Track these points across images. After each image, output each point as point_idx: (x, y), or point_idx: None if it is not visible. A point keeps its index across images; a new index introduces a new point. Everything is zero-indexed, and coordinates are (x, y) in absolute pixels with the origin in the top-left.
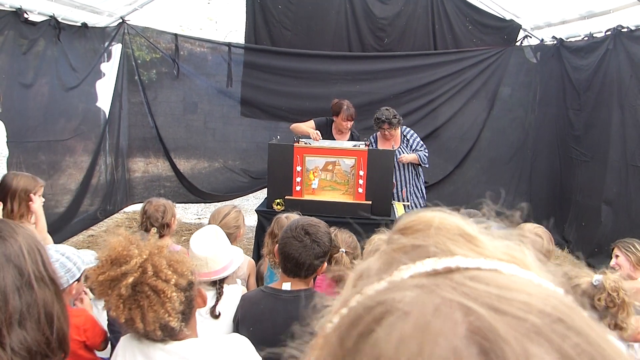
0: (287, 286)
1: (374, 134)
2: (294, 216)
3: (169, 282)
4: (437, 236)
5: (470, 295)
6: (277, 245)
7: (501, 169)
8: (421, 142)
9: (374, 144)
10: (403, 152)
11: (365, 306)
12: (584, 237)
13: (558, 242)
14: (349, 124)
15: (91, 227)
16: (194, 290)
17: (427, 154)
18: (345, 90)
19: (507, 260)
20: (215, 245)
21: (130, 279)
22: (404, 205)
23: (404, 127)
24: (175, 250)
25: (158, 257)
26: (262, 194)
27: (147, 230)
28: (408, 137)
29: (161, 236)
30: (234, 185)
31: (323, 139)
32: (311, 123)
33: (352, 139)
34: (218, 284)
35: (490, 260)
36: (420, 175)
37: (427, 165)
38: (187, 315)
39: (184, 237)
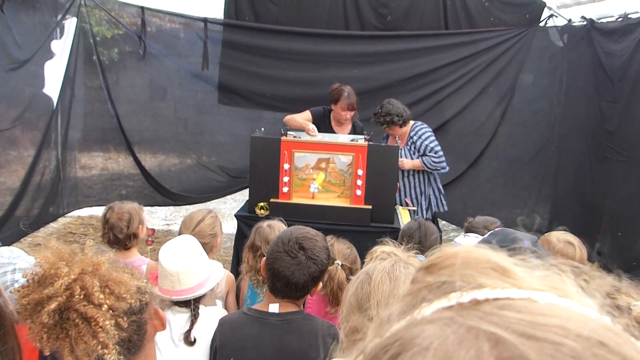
0: (274, 308)
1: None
2: (277, 224)
3: (101, 307)
4: (464, 270)
5: (500, 324)
6: (265, 260)
7: (521, 169)
8: (431, 144)
9: (385, 141)
10: (406, 156)
11: (381, 346)
12: (620, 249)
13: (588, 255)
14: (349, 114)
15: (37, 234)
16: (146, 312)
17: (437, 159)
18: (341, 75)
19: (545, 290)
20: (189, 259)
21: (54, 305)
22: (409, 210)
23: (416, 123)
24: (138, 266)
25: (90, 277)
26: (243, 196)
27: (110, 243)
28: (415, 137)
29: (128, 249)
30: (209, 185)
31: (321, 132)
32: (307, 114)
33: (354, 132)
34: (193, 305)
35: (524, 290)
36: (434, 182)
37: (442, 170)
38: (135, 344)
39: (150, 247)
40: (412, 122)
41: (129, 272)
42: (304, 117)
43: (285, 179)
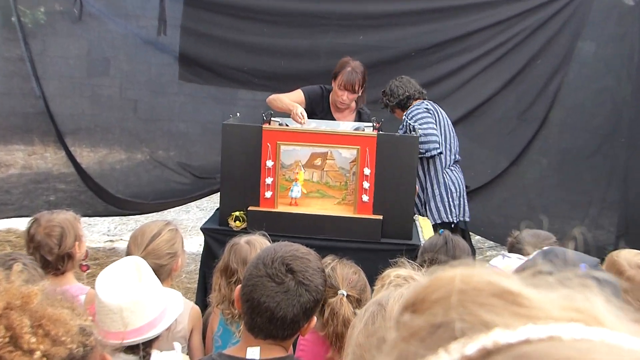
0: (254, 353)
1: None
2: (259, 241)
3: (32, 354)
4: (462, 305)
5: None
6: (241, 287)
7: (580, 166)
8: (414, 123)
9: (403, 131)
10: None
11: None
12: None
13: None
14: (346, 95)
15: None
16: (90, 357)
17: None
18: (341, 43)
19: (568, 319)
20: (136, 288)
21: None
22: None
23: (413, 107)
24: (75, 295)
25: (19, 314)
26: (212, 203)
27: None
28: (406, 118)
29: (61, 273)
30: (167, 188)
31: (317, 118)
32: (298, 95)
33: (358, 119)
34: (143, 350)
35: (543, 324)
36: (433, 177)
37: (427, 153)
38: None
39: (88, 272)
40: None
41: (69, 306)
42: (293, 99)
43: (269, 180)
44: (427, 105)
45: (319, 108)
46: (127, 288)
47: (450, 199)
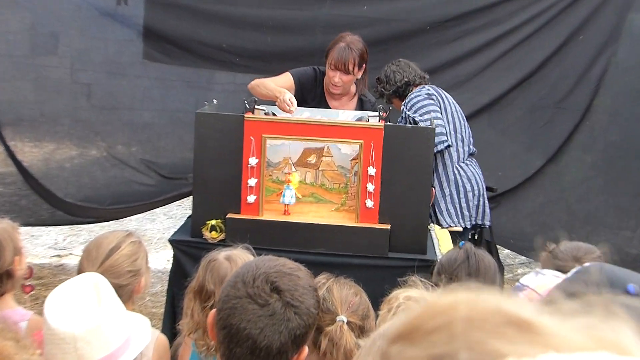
0: None
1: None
2: (242, 256)
3: None
4: (468, 333)
5: None
6: (216, 311)
7: (631, 165)
8: (413, 114)
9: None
10: None
11: None
12: None
13: None
14: (338, 77)
15: None
16: None
17: None
18: (341, 14)
19: (592, 348)
20: (94, 313)
21: None
22: (451, 233)
23: (411, 95)
24: (16, 322)
25: None
26: (183, 209)
27: None
28: (403, 107)
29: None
30: (127, 191)
31: (309, 106)
32: (286, 79)
33: (360, 107)
34: None
35: (567, 353)
36: (445, 180)
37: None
38: None
39: (32, 293)
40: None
41: (13, 337)
42: (281, 83)
43: (252, 181)
44: (428, 90)
45: (311, 95)
46: (83, 313)
47: (464, 199)
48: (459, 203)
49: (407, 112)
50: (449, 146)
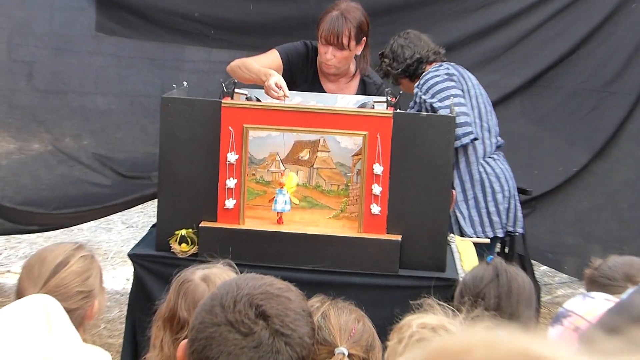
0: None
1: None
2: (223, 276)
3: None
4: None
5: None
6: (187, 344)
7: None
8: (430, 98)
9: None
10: None
11: None
12: None
13: None
14: (330, 52)
15: None
16: None
17: None
18: None
19: None
20: (44, 344)
21: None
22: (476, 245)
23: (427, 75)
24: None
25: None
26: (147, 216)
27: None
28: (416, 90)
29: None
30: (77, 193)
31: (301, 90)
32: (272, 58)
33: (363, 91)
34: None
35: None
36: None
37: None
38: None
39: None
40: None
41: None
42: (267, 63)
43: (231, 182)
44: (447, 69)
45: (302, 76)
46: (30, 343)
47: (493, 203)
48: (485, 208)
49: (423, 97)
50: (475, 139)
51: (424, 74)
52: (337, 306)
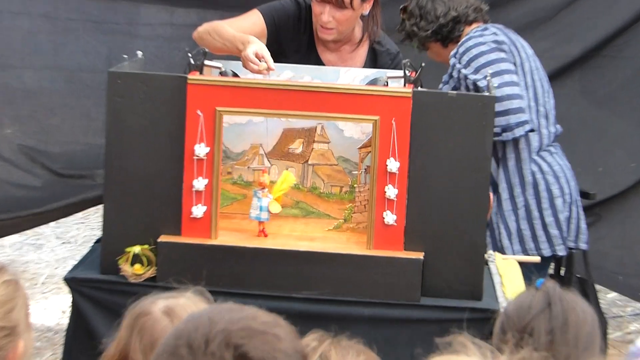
0: None
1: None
2: (189, 306)
3: None
4: None
5: None
6: None
7: None
8: (473, 74)
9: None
10: None
11: None
12: None
13: None
14: (327, 13)
15: None
16: None
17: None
18: None
19: None
20: None
21: None
22: (522, 264)
23: (468, 41)
24: None
25: None
26: (88, 229)
27: None
28: (453, 62)
29: None
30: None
31: (294, 61)
32: (253, 20)
33: (374, 63)
34: None
35: None
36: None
37: (507, 133)
38: None
39: None
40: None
41: None
42: (247, 28)
43: (200, 183)
44: (495, 34)
45: (293, 44)
46: None
47: (549, 211)
48: (540, 218)
49: (463, 71)
50: (531, 130)
51: (463, 39)
52: (340, 346)
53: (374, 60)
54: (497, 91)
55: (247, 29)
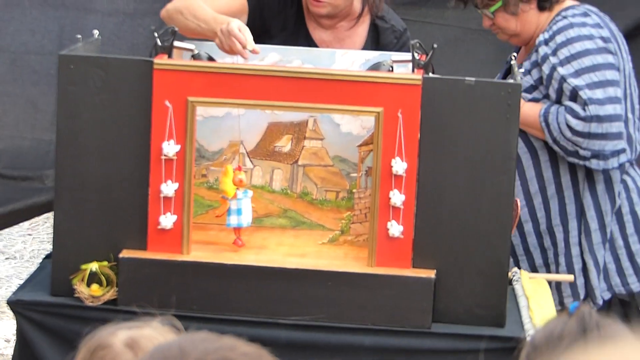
0: None
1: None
2: (155, 337)
3: None
4: None
5: None
6: None
7: None
8: (578, 81)
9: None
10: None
11: None
12: None
13: None
14: None
15: None
16: None
17: (588, 123)
18: None
19: None
20: None
21: None
22: (557, 284)
23: (569, 8)
24: None
25: None
26: (34, 241)
27: None
28: (546, 47)
29: None
30: None
31: (280, 42)
32: None
33: (376, 44)
34: None
35: None
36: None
37: (602, 161)
38: None
39: None
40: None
41: None
42: (223, 5)
43: (169, 188)
44: (600, 25)
45: (279, 21)
46: None
47: (636, 237)
48: (625, 247)
49: (560, 70)
50: (629, 162)
51: (558, 22)
52: None
53: (375, 39)
54: (600, 109)
55: (225, 7)
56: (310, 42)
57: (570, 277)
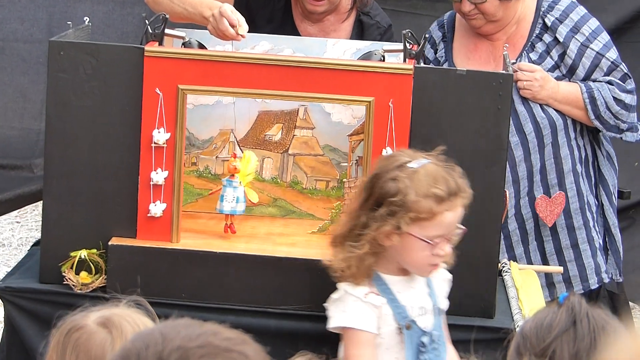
0: None
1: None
2: (132, 320)
3: None
4: None
5: None
6: None
7: None
8: (611, 54)
9: (447, 58)
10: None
11: None
12: None
13: None
14: None
15: None
16: None
17: (624, 96)
18: None
19: None
20: None
21: None
22: (546, 274)
23: (571, 3)
24: None
25: None
26: (22, 229)
27: None
28: (565, 28)
29: None
30: None
31: (264, 31)
32: None
33: (359, 38)
34: None
35: None
36: (609, 168)
37: (626, 134)
38: None
39: None
40: None
41: None
42: None
43: (159, 175)
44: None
45: (265, 12)
46: None
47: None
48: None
49: (592, 46)
50: None
51: (565, 1)
52: None
53: (359, 35)
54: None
55: None
56: (295, 35)
57: (560, 269)
